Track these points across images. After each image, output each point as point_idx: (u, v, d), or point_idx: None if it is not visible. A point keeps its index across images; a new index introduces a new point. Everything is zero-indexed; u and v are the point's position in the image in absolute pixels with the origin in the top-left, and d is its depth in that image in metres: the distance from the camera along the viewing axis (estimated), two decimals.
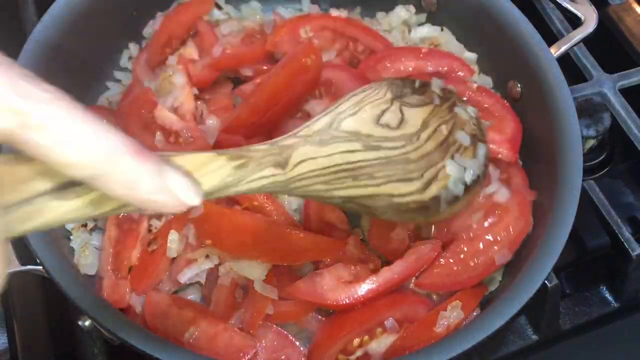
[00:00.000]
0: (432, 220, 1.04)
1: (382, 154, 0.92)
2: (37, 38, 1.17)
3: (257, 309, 1.06)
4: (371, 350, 1.06)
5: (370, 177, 0.90)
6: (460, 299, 1.07)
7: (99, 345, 1.18)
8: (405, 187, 0.94)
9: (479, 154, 1.04)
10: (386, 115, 0.96)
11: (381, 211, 0.94)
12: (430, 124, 1.00)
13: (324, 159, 0.86)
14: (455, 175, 0.98)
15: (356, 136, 0.91)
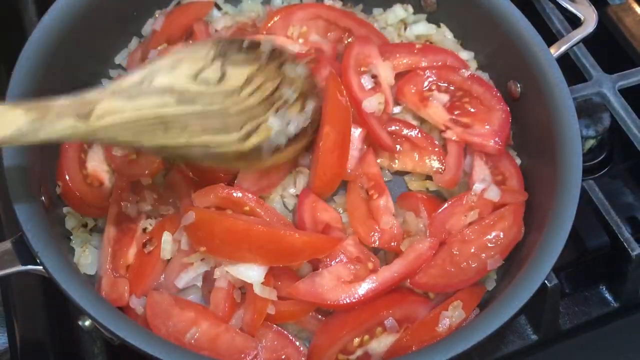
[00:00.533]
0: (257, 166, 1.09)
1: (198, 108, 0.97)
2: (37, 38, 1.17)
3: (257, 310, 1.06)
4: (371, 349, 1.06)
5: (183, 129, 0.95)
6: (461, 299, 1.07)
7: (99, 345, 1.18)
8: (222, 138, 0.99)
9: (307, 109, 1.11)
10: (205, 72, 1.00)
11: (199, 159, 0.99)
12: (254, 81, 1.05)
13: (132, 112, 0.91)
14: (277, 128, 1.05)
15: (169, 91, 0.95)
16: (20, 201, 1.02)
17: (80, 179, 1.19)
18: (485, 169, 1.23)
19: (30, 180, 1.07)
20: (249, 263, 1.07)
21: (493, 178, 1.22)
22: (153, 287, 1.11)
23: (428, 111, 1.28)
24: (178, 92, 0.95)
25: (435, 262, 1.11)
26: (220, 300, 1.09)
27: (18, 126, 0.79)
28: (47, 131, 0.82)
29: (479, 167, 1.24)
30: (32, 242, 0.99)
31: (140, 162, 1.18)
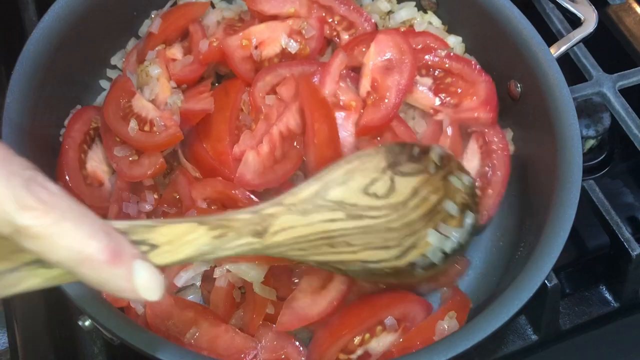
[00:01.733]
0: (406, 282, 1.04)
1: (364, 223, 0.93)
2: (37, 38, 1.17)
3: (256, 310, 1.06)
4: (371, 349, 1.06)
5: (347, 244, 0.91)
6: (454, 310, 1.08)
7: (99, 345, 1.18)
8: (381, 254, 0.94)
9: (465, 223, 1.04)
10: (376, 185, 0.96)
11: (354, 274, 0.96)
12: (419, 193, 1.00)
13: (304, 227, 0.87)
14: (435, 245, 0.98)
15: (340, 205, 0.91)
16: None
17: (80, 179, 1.19)
18: (476, 152, 1.25)
19: None
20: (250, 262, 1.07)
21: (481, 169, 1.24)
22: None
23: (415, 97, 1.29)
24: (348, 207, 0.92)
25: None
26: (220, 300, 1.09)
27: (200, 245, 0.75)
28: (225, 249, 0.78)
29: (471, 150, 1.26)
30: None
31: (142, 162, 1.18)
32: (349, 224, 0.91)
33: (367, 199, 0.94)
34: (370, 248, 0.93)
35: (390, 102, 1.25)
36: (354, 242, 0.91)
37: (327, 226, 0.89)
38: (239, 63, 1.29)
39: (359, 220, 0.92)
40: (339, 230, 0.90)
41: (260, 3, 1.33)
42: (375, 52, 1.29)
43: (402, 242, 0.95)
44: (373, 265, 0.93)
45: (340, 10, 1.37)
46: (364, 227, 0.93)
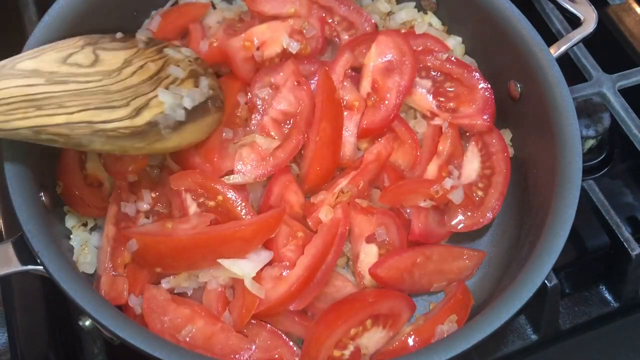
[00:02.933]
0: (160, 147, 1.08)
1: (72, 86, 0.99)
2: (37, 38, 1.17)
3: (245, 306, 1.07)
4: (362, 345, 1.07)
5: (60, 106, 0.96)
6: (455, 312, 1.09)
7: (99, 345, 1.18)
8: (107, 114, 1.00)
9: (201, 85, 1.15)
10: (75, 57, 1.03)
11: (87, 139, 0.98)
12: (133, 62, 1.09)
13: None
14: (170, 102, 1.07)
15: (36, 73, 0.97)
16: (20, 201, 1.02)
17: (80, 179, 1.19)
18: (477, 156, 1.25)
19: (30, 180, 1.07)
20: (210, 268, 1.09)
21: (482, 170, 1.24)
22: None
23: (414, 98, 1.29)
24: (46, 74, 0.98)
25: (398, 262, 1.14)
26: (213, 300, 1.10)
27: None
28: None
29: (471, 152, 1.26)
30: (32, 242, 0.99)
31: (124, 158, 1.19)
32: (52, 87, 0.97)
33: (68, 67, 1.02)
34: (90, 108, 0.99)
35: (391, 103, 1.25)
36: (68, 103, 0.97)
37: (25, 90, 0.94)
38: (240, 64, 1.29)
39: (63, 85, 0.99)
40: (44, 94, 0.96)
41: (260, 4, 1.33)
42: (376, 53, 1.29)
43: (129, 103, 1.03)
44: (103, 125, 0.99)
45: (340, 10, 1.37)
46: (74, 90, 0.99)
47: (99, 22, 1.28)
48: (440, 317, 1.09)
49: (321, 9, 1.36)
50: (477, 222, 1.20)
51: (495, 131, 1.28)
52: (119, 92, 1.03)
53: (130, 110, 1.02)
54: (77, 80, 1.00)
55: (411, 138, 1.26)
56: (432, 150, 1.26)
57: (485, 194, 1.22)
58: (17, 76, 0.96)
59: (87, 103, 0.99)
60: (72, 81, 0.99)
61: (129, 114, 1.02)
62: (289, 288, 1.07)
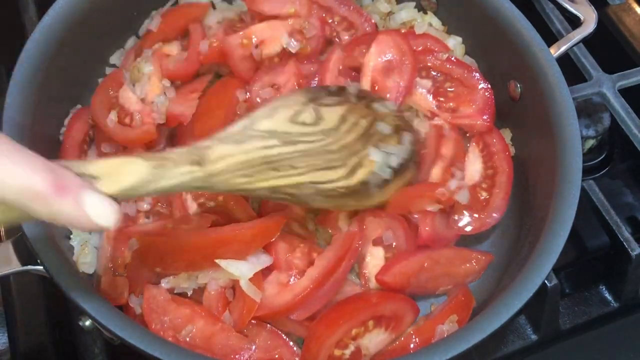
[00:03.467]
0: (366, 204, 1.12)
1: (301, 147, 1.03)
2: (37, 38, 1.17)
3: (246, 306, 1.07)
4: (363, 346, 1.07)
5: (292, 167, 1.00)
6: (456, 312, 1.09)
7: (99, 345, 1.18)
8: (329, 174, 1.04)
9: (404, 141, 1.17)
10: (302, 115, 1.07)
11: (310, 199, 1.03)
12: (348, 119, 1.12)
13: (242, 155, 0.96)
14: (379, 161, 1.10)
15: (272, 134, 1.01)
16: None
17: None
18: (478, 157, 1.25)
19: None
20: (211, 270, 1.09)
21: (485, 171, 1.24)
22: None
23: (414, 98, 1.29)
24: (280, 134, 1.03)
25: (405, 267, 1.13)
26: (213, 300, 1.09)
27: (141, 175, 0.81)
28: (167, 178, 0.85)
29: (473, 153, 1.26)
30: (32, 242, 0.98)
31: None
32: (286, 148, 1.01)
33: (297, 127, 1.06)
34: (316, 169, 1.03)
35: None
36: (298, 164, 1.01)
37: (265, 152, 0.99)
38: (238, 62, 1.29)
39: (295, 145, 1.03)
40: (279, 155, 1.00)
41: (260, 3, 1.33)
42: (376, 52, 1.29)
43: (346, 162, 1.07)
44: (324, 185, 1.03)
45: (340, 10, 1.38)
46: (303, 150, 1.03)
47: (99, 22, 1.28)
48: (440, 318, 1.09)
49: (321, 9, 1.36)
50: (484, 223, 1.20)
51: (495, 131, 1.28)
52: (337, 152, 1.07)
53: (347, 170, 1.07)
54: (305, 141, 1.05)
55: None
56: (435, 152, 1.25)
57: (490, 194, 1.22)
58: (257, 138, 1.00)
59: (313, 164, 1.03)
60: (300, 141, 1.04)
61: (346, 173, 1.06)
62: (294, 297, 1.06)
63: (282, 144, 1.02)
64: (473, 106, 1.27)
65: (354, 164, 1.08)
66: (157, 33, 1.34)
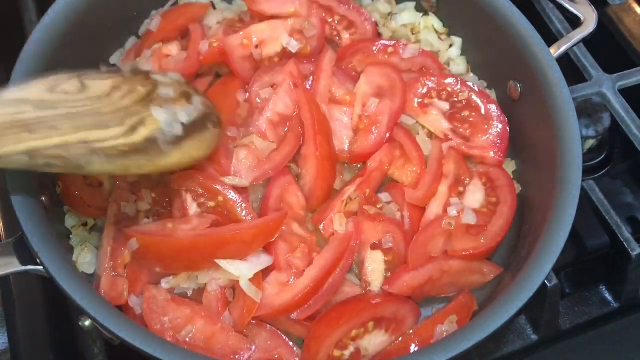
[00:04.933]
0: (162, 163, 1.07)
1: (62, 111, 1.00)
2: (37, 38, 1.17)
3: (246, 306, 1.07)
4: (363, 347, 1.07)
5: (52, 128, 0.97)
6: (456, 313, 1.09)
7: (99, 345, 1.18)
8: (102, 133, 1.01)
9: (194, 102, 1.15)
10: (62, 86, 1.04)
11: (85, 160, 0.98)
12: (122, 88, 1.09)
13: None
14: (164, 118, 1.07)
15: (24, 102, 0.98)
16: (20, 201, 1.02)
17: (80, 179, 1.19)
18: (480, 189, 1.24)
19: (30, 180, 1.07)
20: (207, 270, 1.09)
21: (487, 200, 1.22)
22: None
23: (427, 118, 1.29)
24: (34, 102, 0.99)
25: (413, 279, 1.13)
26: (213, 300, 1.09)
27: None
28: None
29: (475, 185, 1.24)
30: (32, 242, 0.99)
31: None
32: (42, 112, 0.98)
33: (57, 95, 1.02)
34: (84, 129, 1.00)
35: (383, 126, 1.25)
36: (60, 126, 0.98)
37: (15, 117, 0.96)
38: (238, 62, 1.29)
39: (53, 110, 1.00)
40: (33, 119, 0.97)
41: (260, 3, 1.33)
42: (366, 82, 1.30)
43: (123, 122, 1.04)
44: (99, 144, 0.99)
45: (340, 10, 1.38)
46: (65, 114, 1.00)
47: (99, 22, 1.28)
48: (440, 318, 1.09)
49: (321, 9, 1.37)
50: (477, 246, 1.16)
51: (507, 179, 1.24)
52: (111, 114, 1.04)
53: (126, 129, 1.03)
54: (67, 105, 1.02)
55: (418, 156, 1.25)
56: (437, 171, 1.24)
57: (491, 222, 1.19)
58: (4, 105, 0.97)
59: (80, 124, 1.00)
60: (61, 106, 1.01)
61: (125, 132, 1.03)
62: (294, 297, 1.06)
63: (37, 109, 0.98)
64: (486, 138, 1.26)
65: (134, 123, 1.05)
66: (157, 33, 1.34)
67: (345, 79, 1.31)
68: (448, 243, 1.17)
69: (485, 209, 1.21)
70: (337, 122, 1.27)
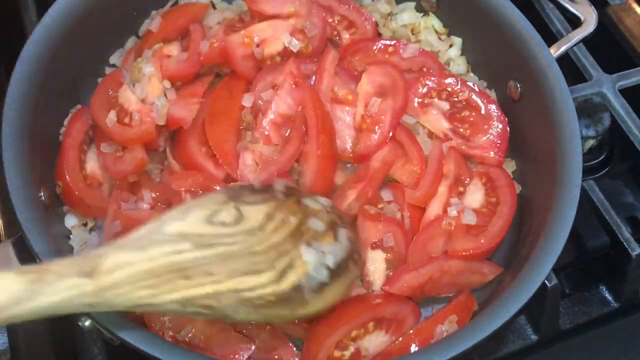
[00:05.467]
0: (303, 313, 0.99)
1: (220, 250, 0.90)
2: (37, 38, 1.17)
3: None
4: (363, 348, 1.07)
5: (207, 274, 0.87)
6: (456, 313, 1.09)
7: (99, 345, 1.18)
8: (254, 279, 0.91)
9: (340, 238, 1.04)
10: (220, 215, 0.94)
11: (233, 310, 0.90)
12: (275, 217, 0.99)
13: (144, 262, 0.83)
14: (313, 261, 0.97)
15: (183, 237, 0.88)
16: (20, 201, 1.02)
17: (80, 179, 1.19)
18: (480, 189, 1.23)
19: (30, 180, 1.07)
20: None
21: (487, 200, 1.22)
22: None
23: (427, 118, 1.29)
24: (193, 237, 0.89)
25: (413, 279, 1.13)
26: None
27: (12, 292, 0.72)
28: (48, 294, 0.75)
29: (475, 185, 1.24)
30: (32, 242, 0.99)
31: (125, 158, 1.19)
32: (200, 253, 0.88)
33: (214, 228, 0.92)
34: (238, 275, 0.90)
35: (385, 125, 1.25)
36: (215, 270, 0.88)
37: (174, 258, 0.86)
38: (240, 61, 1.29)
39: (211, 249, 0.90)
40: (191, 261, 0.87)
41: (260, 3, 1.33)
42: (367, 82, 1.30)
43: (274, 265, 0.93)
44: (249, 293, 0.90)
45: (340, 10, 1.38)
46: (221, 254, 0.90)
47: (99, 22, 1.28)
48: (440, 318, 1.09)
49: (321, 9, 1.37)
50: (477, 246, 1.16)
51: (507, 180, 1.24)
52: (263, 253, 0.94)
53: (276, 274, 0.93)
54: (223, 242, 0.91)
55: (419, 156, 1.25)
56: (437, 171, 1.24)
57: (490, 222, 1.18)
58: (165, 242, 0.87)
59: (234, 269, 0.90)
60: (218, 244, 0.91)
61: (274, 278, 0.93)
62: None
63: (196, 248, 0.88)
64: (486, 138, 1.26)
65: (284, 266, 0.94)
66: (157, 33, 1.34)
67: (348, 79, 1.31)
68: (448, 243, 1.16)
69: (485, 209, 1.21)
70: (340, 122, 1.27)
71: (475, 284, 1.17)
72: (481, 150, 1.25)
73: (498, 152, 1.25)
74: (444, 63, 1.38)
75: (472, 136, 1.27)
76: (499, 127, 1.26)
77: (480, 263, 1.17)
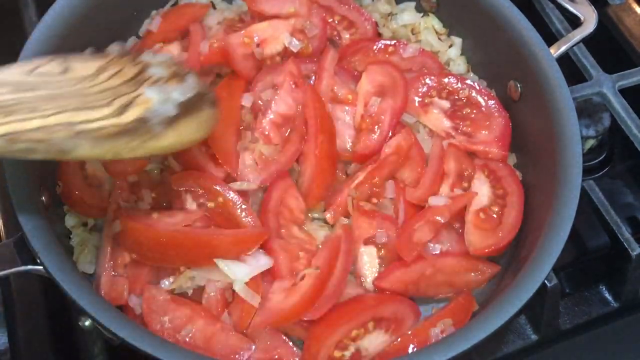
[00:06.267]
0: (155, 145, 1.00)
1: (43, 92, 0.95)
2: (37, 38, 1.17)
3: (244, 309, 1.07)
4: (363, 348, 1.07)
5: (33, 110, 0.91)
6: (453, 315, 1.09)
7: (99, 345, 1.18)
8: (86, 113, 0.94)
9: (188, 81, 1.08)
10: (43, 68, 1.00)
11: (70, 144, 0.91)
12: (108, 69, 1.05)
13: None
14: (157, 98, 1.01)
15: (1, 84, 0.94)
16: (20, 201, 1.02)
17: (80, 179, 1.19)
18: (485, 182, 1.23)
19: (30, 180, 1.07)
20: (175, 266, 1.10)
21: (494, 192, 1.22)
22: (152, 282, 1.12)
23: (428, 117, 1.29)
24: (12, 83, 0.95)
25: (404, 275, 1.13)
26: (213, 301, 1.10)
27: None
28: None
29: (479, 180, 1.24)
30: (32, 242, 0.99)
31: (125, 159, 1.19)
32: (20, 95, 0.93)
33: (36, 77, 0.98)
34: (69, 110, 0.94)
35: (385, 125, 1.25)
36: (41, 107, 0.92)
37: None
38: (239, 61, 1.29)
39: (33, 92, 0.95)
40: (11, 100, 0.92)
41: (260, 3, 1.33)
42: (367, 81, 1.30)
43: (111, 103, 0.97)
44: (85, 125, 0.93)
45: (340, 10, 1.38)
46: (46, 96, 0.95)
47: (99, 22, 1.28)
48: (435, 320, 1.09)
49: (321, 9, 1.37)
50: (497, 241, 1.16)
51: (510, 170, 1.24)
52: (98, 94, 0.98)
53: (114, 109, 0.97)
54: (49, 87, 0.96)
55: (419, 154, 1.25)
56: (438, 170, 1.24)
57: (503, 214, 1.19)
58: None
59: (63, 105, 0.93)
60: (43, 88, 0.96)
61: (113, 112, 0.96)
62: (302, 297, 1.06)
63: (14, 92, 0.93)
64: (488, 133, 1.26)
65: (123, 104, 0.98)
66: (158, 33, 1.34)
67: (348, 78, 1.31)
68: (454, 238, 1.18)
69: (495, 204, 1.20)
70: (340, 122, 1.28)
71: (474, 283, 1.16)
72: (484, 146, 1.25)
73: (502, 147, 1.25)
74: (444, 63, 1.39)
75: (474, 133, 1.27)
76: (500, 122, 1.26)
77: (476, 261, 1.17)
